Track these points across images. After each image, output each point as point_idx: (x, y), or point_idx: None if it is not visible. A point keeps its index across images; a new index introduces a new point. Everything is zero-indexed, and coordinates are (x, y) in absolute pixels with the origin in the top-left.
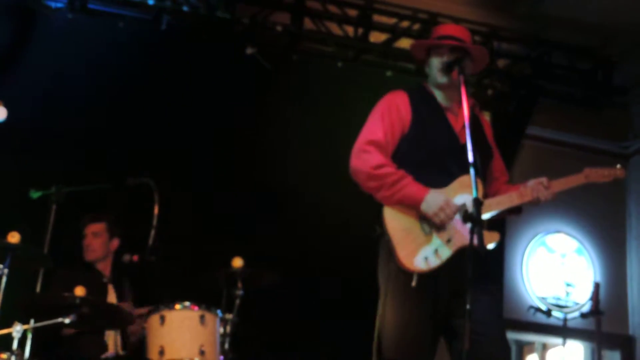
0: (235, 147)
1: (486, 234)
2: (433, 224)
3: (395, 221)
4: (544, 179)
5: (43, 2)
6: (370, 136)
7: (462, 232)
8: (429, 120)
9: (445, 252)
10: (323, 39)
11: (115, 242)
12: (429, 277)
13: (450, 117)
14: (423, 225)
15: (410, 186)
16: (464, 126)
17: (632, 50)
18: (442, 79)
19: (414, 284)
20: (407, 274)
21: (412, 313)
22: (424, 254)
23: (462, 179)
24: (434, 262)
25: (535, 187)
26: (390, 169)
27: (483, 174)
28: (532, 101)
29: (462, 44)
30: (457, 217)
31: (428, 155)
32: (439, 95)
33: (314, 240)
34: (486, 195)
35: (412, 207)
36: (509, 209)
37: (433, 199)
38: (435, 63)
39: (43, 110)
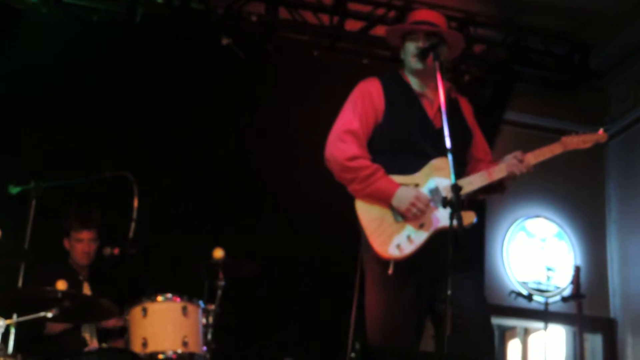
0: (213, 136)
1: (463, 214)
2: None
3: (367, 212)
4: (518, 153)
5: None
6: (347, 125)
7: (434, 216)
8: (402, 107)
9: (419, 238)
10: (298, 28)
11: (98, 244)
12: (408, 263)
13: (425, 102)
14: (394, 214)
15: (380, 181)
16: (438, 111)
17: (608, 33)
18: (417, 64)
19: (390, 271)
20: (383, 262)
21: (392, 300)
22: (397, 242)
23: (435, 163)
24: (408, 249)
25: (509, 162)
26: (364, 161)
27: (462, 157)
28: (509, 86)
29: (436, 29)
30: (431, 203)
31: (403, 142)
32: (413, 82)
33: (294, 230)
34: (468, 175)
35: (383, 200)
36: (487, 187)
37: (403, 195)
38: (410, 49)
39: (18, 104)
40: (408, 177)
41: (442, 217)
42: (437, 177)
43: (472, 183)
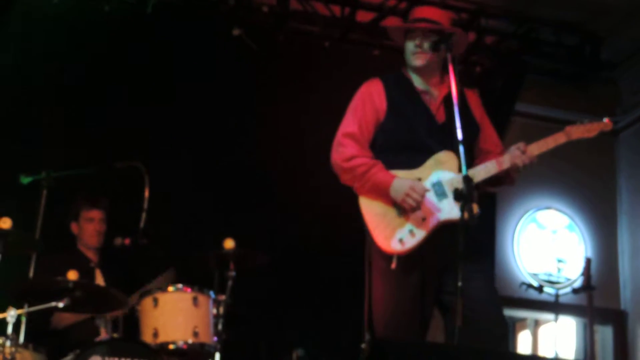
0: (223, 127)
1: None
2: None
3: (370, 208)
4: (520, 144)
5: None
6: (345, 129)
7: (436, 209)
8: (404, 105)
9: (421, 232)
10: (309, 19)
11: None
12: (412, 256)
13: (427, 99)
14: (397, 209)
15: (377, 174)
16: (441, 105)
17: (620, 25)
18: (415, 62)
19: (393, 266)
20: (387, 256)
21: (397, 293)
22: (399, 236)
23: (438, 156)
24: (410, 243)
25: (512, 153)
26: (360, 159)
27: (468, 149)
28: (520, 78)
29: (436, 27)
30: (431, 195)
31: (406, 138)
32: (415, 79)
33: (305, 220)
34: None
35: (383, 194)
36: (495, 179)
37: (399, 185)
38: (409, 47)
39: (30, 95)
40: (411, 171)
41: (444, 209)
42: (440, 171)
43: (480, 172)
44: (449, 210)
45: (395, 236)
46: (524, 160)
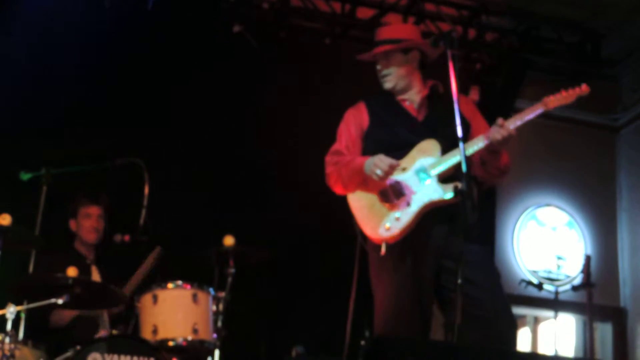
0: (223, 124)
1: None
2: (389, 193)
3: (357, 202)
4: (499, 119)
5: None
6: (333, 149)
7: (420, 192)
8: (385, 113)
9: (406, 216)
10: (310, 16)
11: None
12: (402, 246)
13: (405, 105)
14: (381, 196)
15: (354, 161)
16: (421, 106)
17: (620, 22)
18: (384, 85)
19: (382, 252)
20: (378, 247)
21: (393, 284)
22: (386, 223)
23: (420, 145)
24: (396, 228)
25: (491, 130)
26: (343, 158)
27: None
28: (521, 75)
29: (393, 46)
30: (416, 181)
31: (390, 140)
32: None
33: (305, 217)
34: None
35: (363, 179)
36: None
37: (369, 162)
38: (378, 72)
39: (30, 91)
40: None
41: (426, 192)
42: (422, 158)
43: (471, 146)
44: (431, 192)
45: (382, 224)
46: (502, 133)
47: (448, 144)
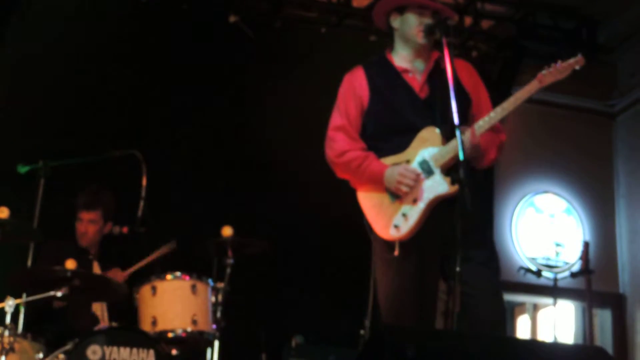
0: (221, 114)
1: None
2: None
3: (367, 200)
4: (472, 128)
5: None
6: (334, 123)
7: (424, 188)
8: (386, 89)
9: (414, 213)
10: (306, 5)
11: (109, 226)
12: (411, 244)
13: (408, 77)
14: (389, 194)
15: (371, 166)
16: (426, 82)
17: (616, 8)
18: (422, 39)
19: (396, 253)
20: (387, 244)
21: (397, 281)
22: (395, 222)
23: (421, 134)
24: (405, 227)
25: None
26: (352, 153)
27: (461, 120)
28: (517, 62)
29: (440, 7)
30: (421, 175)
31: (392, 122)
32: (399, 59)
33: (305, 207)
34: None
35: (378, 183)
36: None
37: (390, 175)
38: (414, 22)
39: (27, 84)
40: (399, 155)
41: (432, 187)
42: (424, 149)
43: (483, 124)
44: (437, 186)
45: (392, 223)
46: (472, 143)
47: (449, 129)
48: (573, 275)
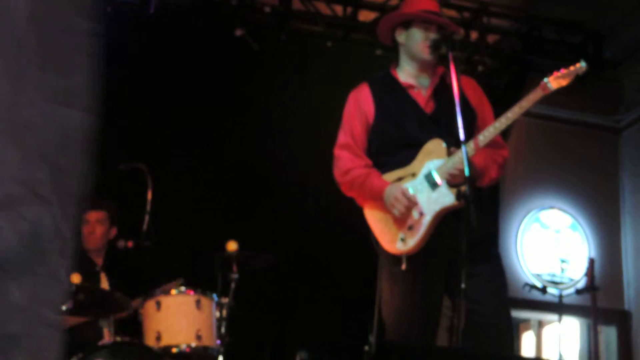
0: (226, 128)
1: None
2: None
3: (373, 217)
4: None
5: None
6: (339, 141)
7: (430, 201)
8: (391, 104)
9: (420, 227)
10: (312, 19)
11: (114, 231)
12: (417, 258)
13: (413, 92)
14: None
15: (373, 183)
16: (430, 96)
17: (622, 23)
18: (428, 55)
19: (403, 267)
20: (393, 258)
21: (403, 297)
22: (401, 236)
23: (426, 147)
24: (412, 240)
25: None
26: (356, 171)
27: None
28: (523, 77)
29: (444, 22)
30: (425, 188)
31: (398, 137)
32: (403, 75)
33: (309, 222)
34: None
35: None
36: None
37: (388, 194)
38: (420, 37)
39: None
40: (405, 169)
41: (438, 199)
42: (430, 161)
43: (486, 135)
44: (442, 198)
45: (399, 237)
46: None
47: (454, 142)
48: (578, 291)
